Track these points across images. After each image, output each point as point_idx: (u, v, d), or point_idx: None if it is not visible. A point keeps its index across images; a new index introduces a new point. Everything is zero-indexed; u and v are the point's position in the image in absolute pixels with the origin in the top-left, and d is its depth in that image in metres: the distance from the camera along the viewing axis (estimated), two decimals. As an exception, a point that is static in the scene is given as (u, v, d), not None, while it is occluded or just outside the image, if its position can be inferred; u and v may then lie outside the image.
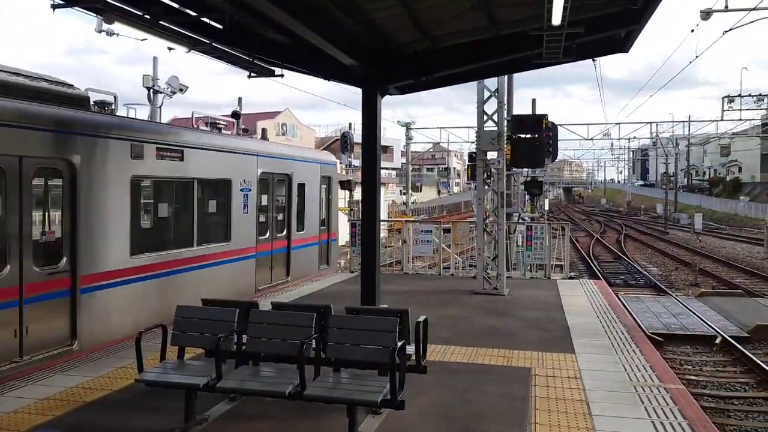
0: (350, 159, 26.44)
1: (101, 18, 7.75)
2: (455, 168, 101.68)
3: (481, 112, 12.67)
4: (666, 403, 6.08)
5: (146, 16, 7.69)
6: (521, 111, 21.23)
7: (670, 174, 63.15)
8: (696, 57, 21.17)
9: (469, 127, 42.66)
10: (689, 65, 22.10)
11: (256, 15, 7.99)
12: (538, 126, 12.93)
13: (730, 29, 15.98)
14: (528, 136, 12.88)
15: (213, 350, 5.43)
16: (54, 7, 6.90)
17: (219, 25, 8.81)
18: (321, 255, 15.74)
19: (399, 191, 62.34)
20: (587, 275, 22.34)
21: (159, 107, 15.58)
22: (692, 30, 17.97)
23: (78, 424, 5.58)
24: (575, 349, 8.15)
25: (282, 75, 10.76)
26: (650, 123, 48.60)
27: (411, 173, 50.87)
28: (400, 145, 57.95)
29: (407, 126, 45.06)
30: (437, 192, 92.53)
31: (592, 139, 46.06)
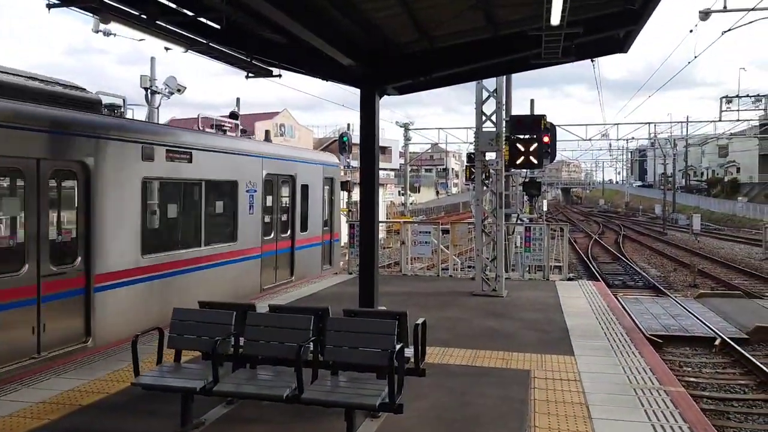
0: (348, 160, 26.41)
1: (98, 18, 7.69)
2: (454, 169, 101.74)
3: (480, 113, 12.63)
4: (666, 406, 6.04)
5: (143, 16, 7.64)
6: (520, 111, 21.20)
7: (669, 175, 63.16)
8: (695, 57, 21.17)
9: (468, 128, 42.62)
10: (688, 65, 22.09)
11: (254, 15, 7.94)
12: (537, 126, 12.90)
13: (729, 29, 15.98)
14: (526, 137, 12.84)
15: (210, 353, 5.39)
16: (49, 7, 6.85)
17: (216, 25, 8.76)
18: (324, 255, 15.88)
19: (397, 192, 62.26)
20: (586, 276, 22.33)
21: (157, 108, 15.57)
22: (691, 30, 17.95)
23: (74, 428, 5.54)
24: (574, 351, 8.11)
25: (280, 75, 10.73)
26: (648, 123, 48.58)
27: (409, 174, 50.83)
28: (399, 146, 57.89)
29: (406, 126, 45.01)
30: (436, 193, 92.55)
31: (591, 140, 46.05)
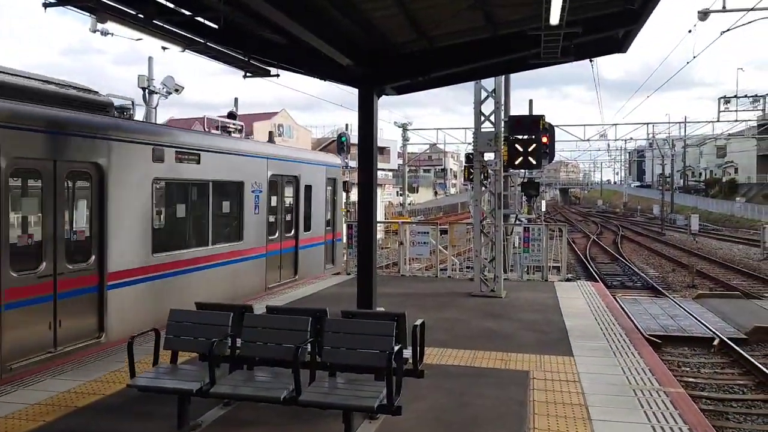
0: (347, 160, 26.41)
1: (95, 17, 7.64)
2: (452, 169, 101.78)
3: (478, 113, 12.59)
4: (666, 408, 6.01)
5: (140, 16, 7.61)
6: (518, 112, 21.18)
7: (667, 175, 63.21)
8: (693, 57, 21.15)
9: (466, 128, 42.60)
10: (686, 66, 22.07)
11: (252, 15, 7.91)
12: (536, 127, 12.84)
13: (728, 29, 15.96)
14: (525, 137, 12.80)
15: (207, 354, 5.35)
16: (45, 6, 6.81)
17: (214, 25, 8.73)
18: (327, 254, 16.14)
19: (396, 192, 62.23)
20: (584, 277, 22.31)
21: (154, 108, 15.53)
22: (689, 30, 17.93)
23: (69, 430, 5.49)
24: (573, 352, 8.08)
25: (278, 75, 10.71)
26: (647, 124, 48.62)
27: (408, 174, 50.79)
28: (397, 146, 57.88)
29: (404, 127, 44.98)
30: (434, 193, 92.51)
31: (589, 140, 46.08)
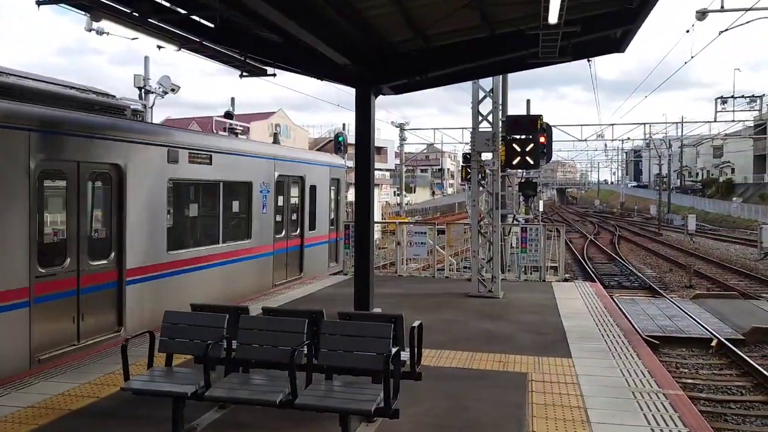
0: (344, 160, 26.38)
1: (89, 16, 7.57)
2: (449, 169, 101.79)
3: (476, 113, 12.54)
4: (665, 410, 5.96)
5: (134, 14, 7.53)
6: (515, 112, 21.07)
7: (664, 175, 63.29)
8: (691, 57, 21.17)
9: (464, 128, 42.66)
10: (684, 66, 22.10)
11: (248, 14, 7.84)
12: (533, 127, 12.80)
13: (726, 29, 15.95)
14: (523, 137, 12.76)
15: (202, 357, 5.28)
16: (39, 4, 6.74)
17: (210, 24, 8.68)
18: (330, 253, 16.44)
19: (393, 192, 62.18)
20: (581, 277, 22.28)
21: (151, 107, 15.47)
22: (687, 30, 17.92)
23: (62, 434, 5.42)
24: (572, 354, 8.02)
25: (274, 74, 10.66)
26: (644, 124, 48.80)
27: (405, 174, 50.76)
28: (394, 146, 57.80)
29: (401, 127, 44.98)
30: (431, 193, 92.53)
31: (586, 140, 46.11)
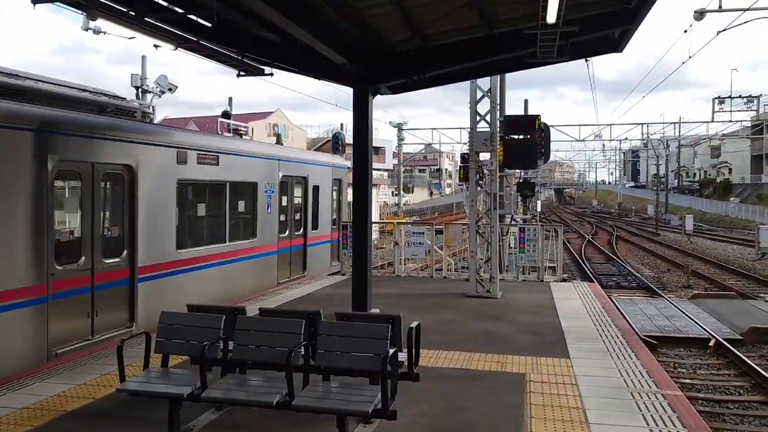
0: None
1: (84, 14, 7.53)
2: (447, 169, 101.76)
3: (474, 113, 12.50)
4: (664, 411, 5.94)
5: (131, 13, 7.49)
6: (512, 112, 21.04)
7: (661, 175, 63.36)
8: (689, 57, 21.18)
9: (461, 128, 42.66)
10: (682, 65, 22.11)
11: (246, 13, 7.81)
12: (531, 127, 12.78)
13: (724, 29, 15.95)
14: (521, 137, 12.74)
15: (198, 358, 5.24)
16: (34, 2, 6.70)
17: (207, 23, 8.64)
18: (333, 252, 16.69)
19: (391, 192, 62.19)
20: (579, 277, 22.26)
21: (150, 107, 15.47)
22: (685, 30, 17.92)
23: (57, 435, 5.39)
24: (570, 354, 8.00)
25: (272, 74, 10.63)
26: (641, 124, 48.92)
27: (403, 174, 50.74)
28: (392, 146, 57.84)
29: (399, 127, 44.94)
30: (429, 193, 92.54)
31: (584, 141, 46.14)
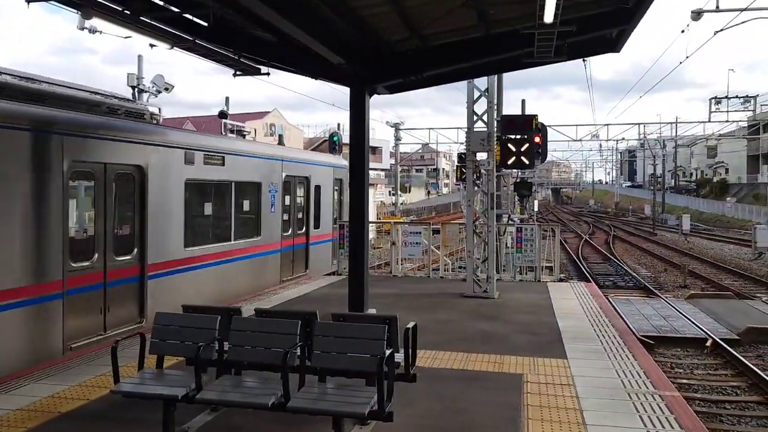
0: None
1: (80, 13, 7.48)
2: (444, 169, 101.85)
3: (471, 113, 12.48)
4: (662, 412, 5.92)
5: (126, 12, 7.45)
6: (509, 112, 21.08)
7: (658, 175, 63.42)
8: (687, 57, 21.19)
9: (458, 128, 42.59)
10: (680, 65, 22.12)
11: (242, 12, 7.77)
12: (528, 126, 12.76)
13: (722, 29, 15.95)
14: (518, 137, 12.72)
15: (193, 359, 5.21)
16: (28, 1, 6.65)
17: (203, 22, 8.60)
18: (334, 251, 16.83)
19: (388, 192, 62.18)
20: (576, 277, 22.26)
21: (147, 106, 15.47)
22: (682, 31, 17.91)
23: (52, 437, 5.35)
24: (567, 354, 7.99)
25: (268, 73, 10.60)
26: (638, 124, 48.66)
27: (400, 174, 50.71)
28: (389, 146, 57.76)
29: (396, 126, 44.85)
30: (426, 193, 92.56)
31: (581, 141, 46.15)
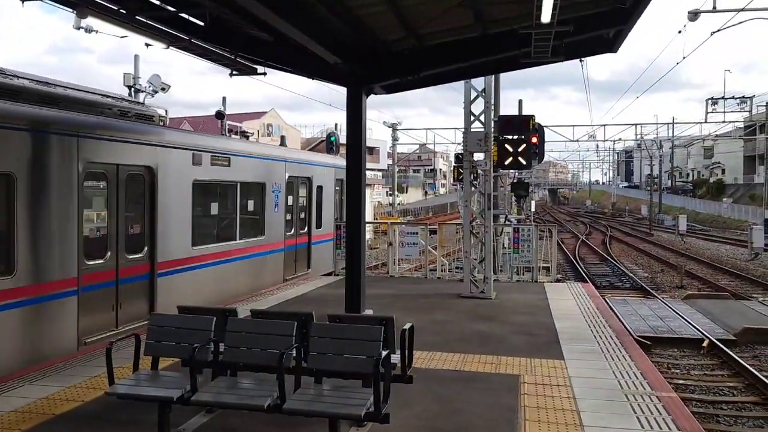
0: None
1: (75, 13, 7.44)
2: (441, 169, 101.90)
3: (468, 113, 12.46)
4: (659, 413, 5.91)
5: (122, 11, 7.41)
6: (506, 112, 21.09)
7: (655, 176, 63.52)
8: (683, 58, 21.22)
9: (456, 128, 42.62)
10: (677, 66, 22.14)
11: (239, 12, 7.74)
12: (526, 127, 12.74)
13: (718, 30, 15.97)
14: (515, 137, 12.70)
15: (188, 360, 5.18)
16: (23, 0, 6.61)
17: (199, 22, 8.56)
18: (335, 250, 16.87)
19: (385, 192, 62.15)
20: (573, 277, 22.28)
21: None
22: (679, 31, 17.94)
23: (46, 439, 5.31)
24: (564, 355, 7.97)
25: (265, 73, 10.58)
26: (635, 125, 48.76)
27: (397, 174, 50.69)
28: (386, 146, 57.80)
29: (393, 127, 44.86)
30: (423, 193, 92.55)
31: (578, 141, 46.19)
